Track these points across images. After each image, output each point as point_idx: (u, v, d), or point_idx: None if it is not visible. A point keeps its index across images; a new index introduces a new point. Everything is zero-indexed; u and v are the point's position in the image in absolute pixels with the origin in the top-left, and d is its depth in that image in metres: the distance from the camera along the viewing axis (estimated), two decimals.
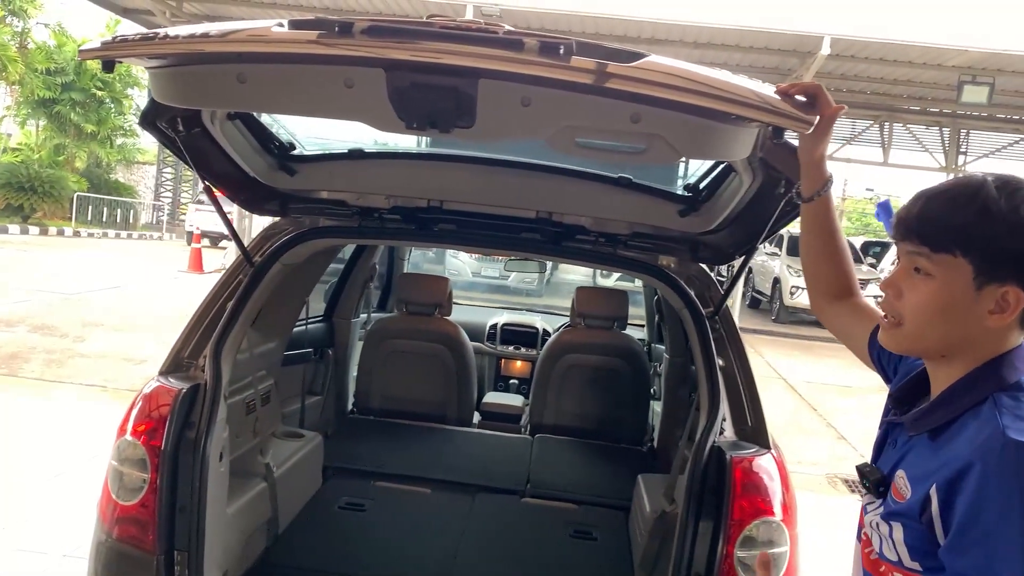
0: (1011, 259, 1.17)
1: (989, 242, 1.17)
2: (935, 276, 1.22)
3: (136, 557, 2.15)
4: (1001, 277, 1.18)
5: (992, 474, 1.09)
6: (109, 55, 1.54)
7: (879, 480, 1.31)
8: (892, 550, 1.25)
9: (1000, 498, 1.08)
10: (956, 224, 1.19)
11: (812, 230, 1.63)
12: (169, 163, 33.78)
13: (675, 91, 1.43)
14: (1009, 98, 15.50)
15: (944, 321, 1.22)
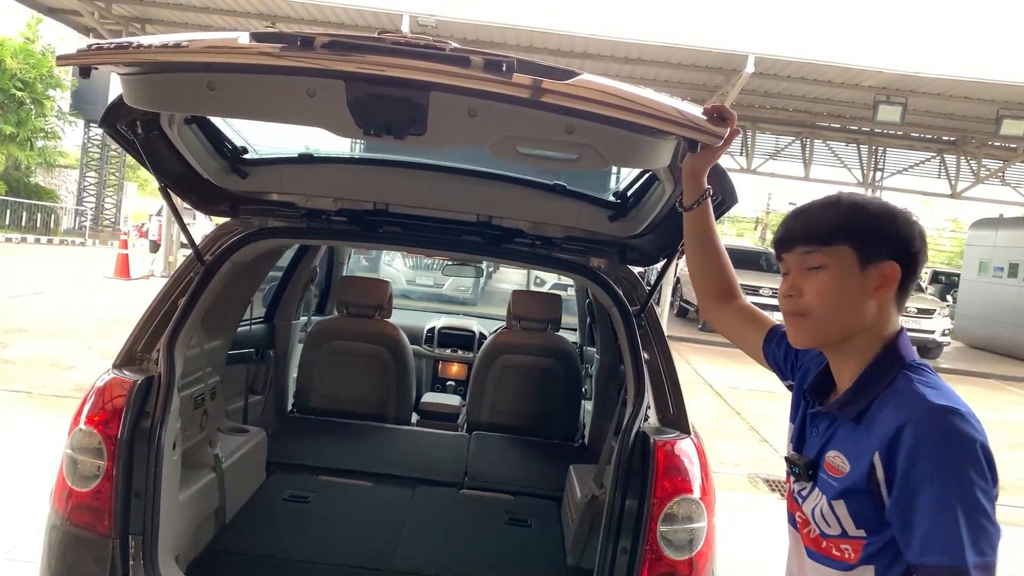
0: (884, 240, 1.42)
1: (865, 229, 1.42)
2: (828, 266, 1.43)
3: (91, 540, 2.24)
4: (878, 256, 1.42)
5: (923, 433, 1.29)
6: (86, 62, 1.66)
7: (808, 465, 1.49)
8: (835, 525, 1.42)
9: (933, 453, 1.28)
10: (837, 221, 1.44)
11: (695, 237, 1.84)
12: (92, 167, 32.87)
13: (604, 106, 1.63)
14: (920, 117, 16.36)
15: (841, 302, 1.43)
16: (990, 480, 1.28)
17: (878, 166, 21.56)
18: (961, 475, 1.25)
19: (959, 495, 1.25)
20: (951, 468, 1.26)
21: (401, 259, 11.05)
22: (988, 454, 1.29)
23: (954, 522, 1.24)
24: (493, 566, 3.07)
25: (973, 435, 1.28)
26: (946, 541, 1.25)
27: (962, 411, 1.30)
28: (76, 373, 8.27)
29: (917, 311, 17.82)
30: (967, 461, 1.26)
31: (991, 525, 1.26)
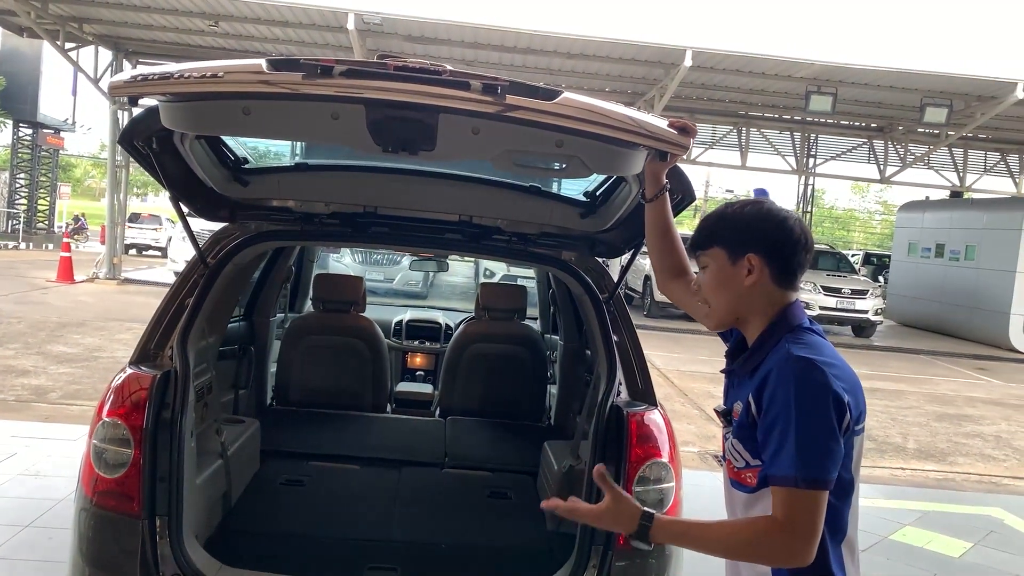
0: (743, 237, 1.78)
1: (728, 231, 1.80)
2: (709, 265, 1.82)
3: (121, 521, 2.45)
4: (742, 251, 1.77)
5: (780, 376, 1.64)
6: (135, 92, 1.88)
7: (725, 413, 1.85)
8: (741, 459, 1.77)
9: (784, 391, 1.62)
10: (710, 227, 1.83)
11: (654, 224, 2.20)
12: (23, 168, 31.99)
13: (588, 124, 1.92)
14: (850, 106, 17.06)
15: (723, 291, 1.80)
16: (831, 415, 1.61)
17: (811, 153, 22.36)
18: (801, 408, 1.59)
19: (797, 423, 1.59)
20: (796, 403, 1.60)
21: (350, 256, 11.21)
22: (834, 394, 1.62)
23: (791, 444, 1.58)
24: (480, 533, 3.36)
25: (819, 379, 1.62)
26: (785, 459, 1.59)
27: (816, 360, 1.65)
28: (32, 378, 8.28)
29: (851, 292, 18.58)
30: (807, 398, 1.61)
31: (826, 449, 1.59)
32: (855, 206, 65.31)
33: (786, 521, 1.60)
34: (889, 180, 20.83)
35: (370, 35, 14.35)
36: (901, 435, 9.20)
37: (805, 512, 1.59)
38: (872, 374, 13.83)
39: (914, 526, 5.84)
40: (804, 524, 1.59)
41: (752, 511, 1.74)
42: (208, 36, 16.05)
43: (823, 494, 1.60)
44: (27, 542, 4.19)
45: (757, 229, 1.78)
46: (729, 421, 1.82)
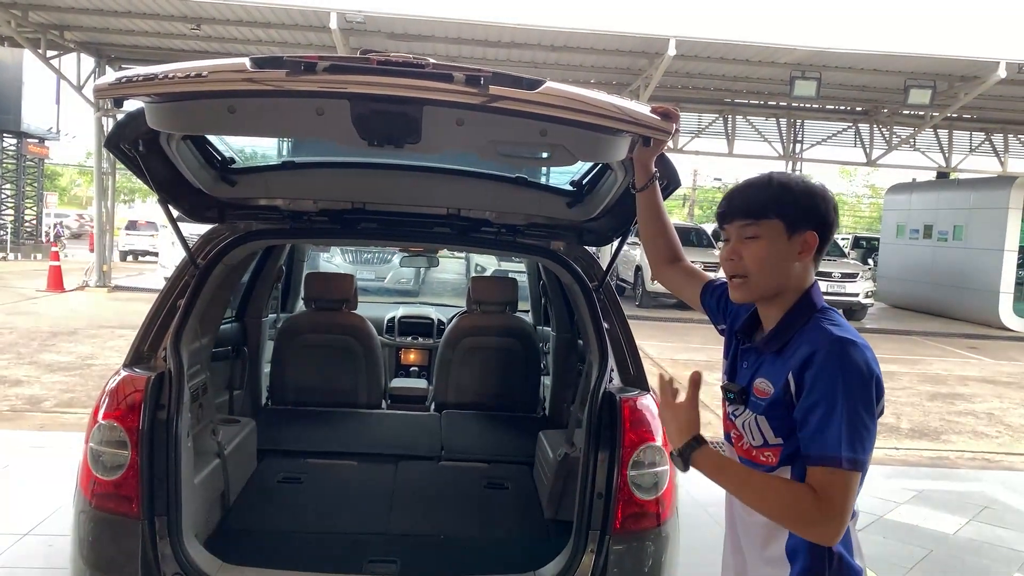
0: (805, 213, 1.75)
1: (791, 205, 1.75)
2: (762, 236, 1.76)
3: (120, 522, 2.46)
4: (802, 227, 1.74)
5: (826, 357, 1.63)
6: (120, 94, 1.89)
7: (741, 391, 1.83)
8: (759, 436, 1.76)
9: (831, 372, 1.62)
10: (768, 198, 1.77)
11: (646, 212, 2.21)
12: (8, 179, 31.79)
13: (571, 112, 1.93)
14: (835, 90, 17.10)
15: (774, 266, 1.76)
16: (873, 398, 1.63)
17: (797, 138, 22.41)
18: (848, 390, 1.60)
19: (844, 405, 1.59)
20: (842, 384, 1.60)
21: (340, 255, 11.21)
22: (876, 378, 1.64)
23: (837, 425, 1.58)
24: (479, 523, 3.38)
25: (862, 361, 1.63)
26: (827, 438, 1.59)
27: (858, 343, 1.66)
28: (26, 388, 8.27)
29: (841, 275, 18.66)
30: (855, 381, 1.61)
31: (866, 432, 1.60)
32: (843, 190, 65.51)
33: (824, 501, 1.59)
34: (875, 163, 20.89)
35: (353, 34, 14.31)
36: (895, 415, 9.26)
37: (843, 493, 1.59)
38: None
39: (909, 504, 5.90)
40: (839, 504, 1.59)
41: None
42: (191, 40, 15.97)
43: (858, 477, 1.60)
44: (27, 550, 4.20)
45: (819, 207, 1.76)
46: (743, 399, 1.82)
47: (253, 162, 3.02)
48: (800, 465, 1.68)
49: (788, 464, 1.72)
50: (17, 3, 14.18)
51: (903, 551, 4.96)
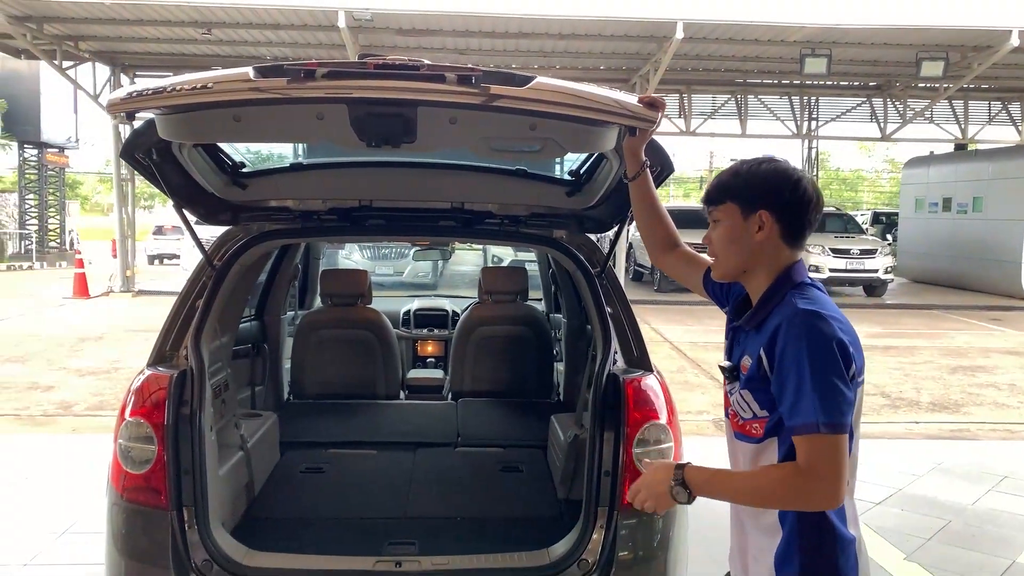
0: (756, 194, 1.86)
1: (743, 188, 1.87)
2: (721, 220, 1.90)
3: (150, 514, 2.60)
4: (754, 207, 1.85)
5: (790, 329, 1.72)
6: (131, 108, 2.00)
7: (732, 368, 1.93)
8: (747, 410, 1.85)
9: (796, 343, 1.70)
10: (724, 185, 1.91)
11: (640, 201, 2.29)
12: (31, 189, 32.28)
13: (558, 106, 2.02)
14: (846, 66, 16.99)
15: (732, 245, 1.89)
16: (840, 363, 1.69)
17: (812, 116, 22.29)
18: (813, 358, 1.68)
19: (811, 373, 1.67)
20: (807, 353, 1.69)
21: (359, 252, 11.38)
22: (839, 343, 1.71)
23: (809, 393, 1.66)
24: (494, 505, 3.49)
25: (828, 330, 1.71)
26: (802, 407, 1.67)
27: (823, 313, 1.74)
28: (56, 393, 8.48)
29: (859, 252, 18.59)
30: (819, 348, 1.69)
31: (840, 396, 1.67)
32: (863, 166, 64.88)
33: (809, 467, 1.66)
34: (890, 138, 20.73)
35: (362, 31, 14.41)
36: (915, 390, 9.28)
37: (828, 456, 1.66)
38: (885, 332, 13.88)
39: (928, 477, 5.94)
40: (828, 468, 1.66)
41: (759, 461, 1.84)
42: (202, 44, 16.17)
43: (843, 438, 1.67)
44: (65, 548, 4.37)
45: (771, 187, 1.86)
46: (735, 376, 1.91)
47: (263, 165, 3.14)
48: (786, 436, 1.76)
49: (774, 435, 1.81)
50: (32, 16, 14.42)
51: (920, 523, 5.02)
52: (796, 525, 1.80)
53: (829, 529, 1.79)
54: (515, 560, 2.71)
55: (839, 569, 1.80)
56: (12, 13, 13.90)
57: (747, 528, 1.93)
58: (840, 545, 1.80)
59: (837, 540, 1.80)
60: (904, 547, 4.62)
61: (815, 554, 1.79)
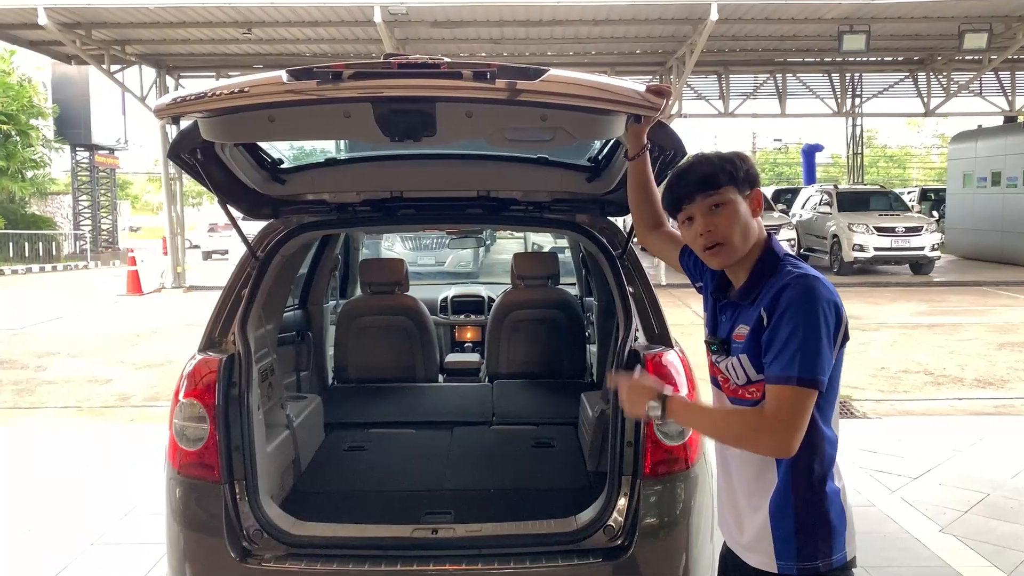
0: (745, 175, 1.96)
1: (734, 170, 1.95)
2: (726, 202, 1.94)
3: (204, 487, 2.81)
4: (747, 186, 1.96)
5: (791, 290, 1.82)
6: (176, 112, 2.19)
7: (722, 342, 2.03)
8: (743, 375, 1.96)
9: (794, 302, 1.80)
10: (714, 170, 1.95)
11: (635, 180, 2.42)
12: (84, 190, 33.24)
13: (569, 97, 2.16)
14: (887, 42, 16.72)
15: (739, 227, 1.94)
16: (832, 325, 1.80)
17: (856, 92, 21.96)
18: (807, 317, 1.78)
19: (803, 330, 1.77)
20: (803, 313, 1.79)
21: (401, 243, 11.63)
22: (835, 306, 1.83)
23: (794, 347, 1.77)
24: (526, 478, 3.65)
25: (824, 293, 1.82)
26: (785, 359, 1.77)
27: (820, 277, 1.85)
28: (114, 385, 8.85)
29: (905, 230, 18.34)
30: (814, 309, 1.80)
31: (821, 355, 1.77)
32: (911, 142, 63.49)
33: (774, 415, 1.78)
34: (934, 113, 20.32)
35: (397, 25, 14.62)
36: (959, 367, 9.22)
37: (793, 408, 1.77)
38: (931, 310, 13.74)
39: (969, 452, 5.94)
40: (790, 419, 1.77)
41: None
42: (243, 44, 16.54)
43: (812, 393, 1.77)
44: (128, 528, 4.65)
45: (751, 165, 1.98)
46: (725, 349, 2.01)
47: (299, 161, 3.33)
48: None
49: None
50: (81, 22, 14.90)
51: (958, 496, 5.06)
52: (790, 481, 1.91)
53: (821, 482, 1.91)
54: (544, 527, 2.86)
55: (831, 522, 1.92)
56: (62, 20, 14.38)
57: (737, 487, 2.03)
58: (830, 498, 1.92)
59: (827, 494, 1.92)
60: (940, 520, 4.68)
61: (809, 508, 1.91)
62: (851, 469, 5.55)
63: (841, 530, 1.94)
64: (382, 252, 9.49)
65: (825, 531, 1.92)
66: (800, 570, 1.92)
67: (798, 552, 1.92)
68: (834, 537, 1.93)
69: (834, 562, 1.93)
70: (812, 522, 1.91)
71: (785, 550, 1.93)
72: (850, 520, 1.97)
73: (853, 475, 5.41)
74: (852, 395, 7.89)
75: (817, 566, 1.91)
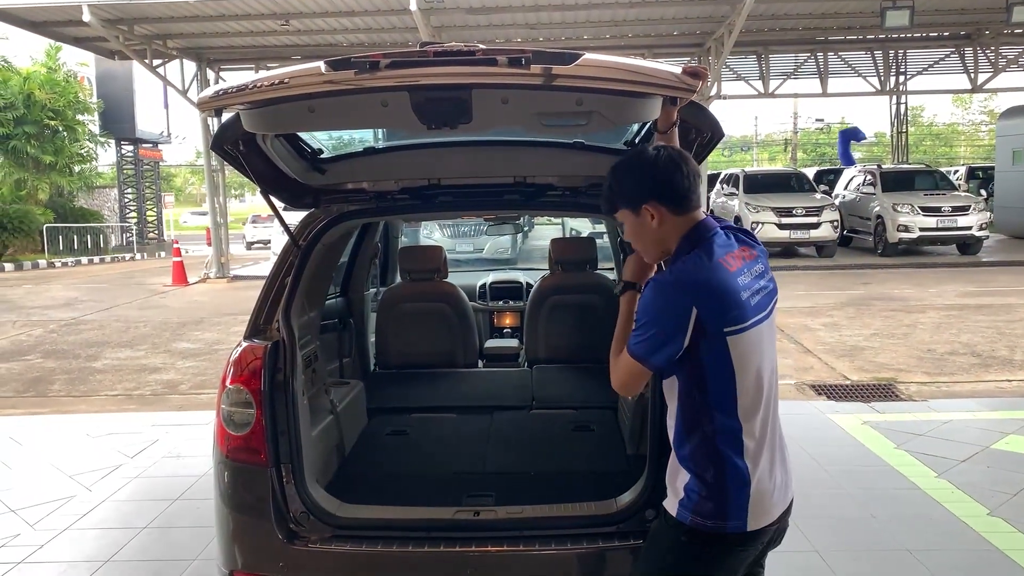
0: (636, 192, 2.11)
1: (622, 192, 2.14)
2: (624, 223, 2.18)
3: (252, 470, 2.88)
4: (637, 204, 2.11)
5: (646, 288, 2.05)
6: (219, 104, 2.24)
7: None
8: None
9: (643, 299, 2.04)
10: (605, 198, 2.20)
11: None
12: (129, 183, 33.90)
13: (604, 81, 2.16)
14: (931, 17, 16.37)
15: (643, 240, 2.15)
16: (670, 318, 1.99)
17: (900, 70, 21.51)
18: (644, 313, 2.02)
19: (643, 321, 2.02)
20: (641, 308, 2.04)
21: (439, 230, 11.69)
22: (674, 298, 2.00)
23: (637, 334, 2.03)
24: (566, 461, 3.68)
25: (659, 289, 2.02)
26: (632, 342, 2.04)
27: (663, 280, 2.04)
28: (162, 374, 9.05)
29: (951, 209, 17.95)
30: (649, 303, 2.02)
31: (655, 341, 2.00)
32: (958, 119, 62.00)
33: (615, 369, 2.14)
34: (981, 88, 19.89)
35: (433, 13, 14.65)
36: (1008, 348, 9.03)
37: (622, 370, 2.10)
38: (978, 290, 13.46)
39: (1017, 434, 5.84)
40: (618, 376, 2.13)
41: (671, 390, 2.12)
42: (281, 35, 16.71)
43: (639, 367, 2.04)
44: (178, 512, 4.78)
45: (638, 181, 2.10)
46: None
47: (339, 151, 3.37)
48: (674, 370, 2.08)
49: (671, 374, 2.10)
50: (123, 18, 15.19)
51: (1006, 478, 4.98)
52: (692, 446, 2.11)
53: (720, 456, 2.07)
54: (584, 509, 2.88)
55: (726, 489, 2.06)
56: (105, 16, 14.67)
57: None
58: (728, 468, 2.06)
59: (726, 463, 2.06)
60: (988, 503, 4.61)
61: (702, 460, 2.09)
62: (895, 452, 5.50)
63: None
64: (421, 240, 9.55)
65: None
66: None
67: None
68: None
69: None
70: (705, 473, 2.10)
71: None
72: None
73: (897, 458, 5.36)
74: (897, 377, 7.79)
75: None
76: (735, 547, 2.10)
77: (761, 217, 18.32)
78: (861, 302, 12.73)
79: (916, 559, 3.96)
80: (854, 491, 4.81)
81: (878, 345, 9.44)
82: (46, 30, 16.33)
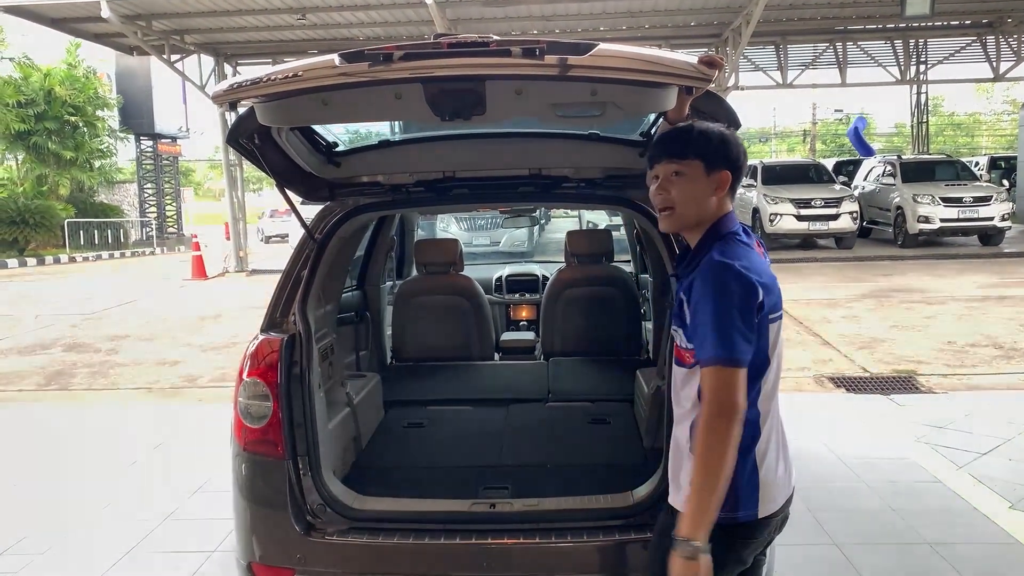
0: (720, 155, 2.08)
1: (708, 149, 2.08)
2: (686, 173, 2.08)
3: (269, 463, 2.89)
4: (717, 167, 2.08)
5: (703, 278, 1.97)
6: (233, 98, 2.24)
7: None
8: (684, 341, 2.07)
9: (705, 289, 1.95)
10: (689, 142, 2.11)
11: None
12: (148, 179, 34.13)
13: (618, 71, 2.14)
14: (952, 5, 16.16)
15: (694, 200, 2.09)
16: (743, 304, 1.92)
17: (920, 59, 21.27)
18: (716, 300, 1.93)
19: (715, 317, 1.91)
20: (712, 296, 1.94)
21: (456, 224, 11.67)
22: (745, 280, 1.94)
23: (711, 333, 1.91)
24: (583, 454, 3.67)
25: (732, 275, 1.94)
26: (707, 344, 1.92)
27: (733, 265, 1.96)
28: (182, 367, 9.12)
29: (973, 199, 17.74)
30: (724, 291, 1.93)
31: (739, 335, 1.90)
32: (980, 109, 61.21)
33: (710, 399, 1.90)
34: (1003, 77, 19.61)
35: (449, 6, 14.64)
36: None
37: (722, 387, 1.90)
38: (1000, 282, 13.31)
39: None
40: (722, 398, 1.89)
41: (688, 385, 2.09)
42: (297, 30, 16.76)
43: (736, 372, 1.90)
44: (199, 504, 4.82)
45: (731, 149, 2.10)
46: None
47: (353, 144, 3.37)
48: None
49: (697, 364, 2.03)
50: (142, 14, 15.28)
51: None
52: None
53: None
54: (600, 502, 2.88)
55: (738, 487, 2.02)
56: (124, 13, 14.76)
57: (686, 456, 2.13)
58: (744, 458, 2.01)
59: (742, 453, 1.98)
60: (1010, 496, 4.56)
61: None
62: (916, 444, 5.45)
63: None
64: (437, 233, 9.55)
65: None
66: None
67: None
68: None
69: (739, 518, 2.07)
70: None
71: None
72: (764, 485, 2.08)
73: (917, 450, 5.32)
74: (917, 369, 7.71)
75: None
76: (746, 537, 2.11)
77: (780, 208, 18.17)
78: (881, 294, 12.62)
79: (937, 552, 3.93)
80: (874, 484, 4.77)
81: (898, 337, 9.36)
82: (66, 26, 16.46)
